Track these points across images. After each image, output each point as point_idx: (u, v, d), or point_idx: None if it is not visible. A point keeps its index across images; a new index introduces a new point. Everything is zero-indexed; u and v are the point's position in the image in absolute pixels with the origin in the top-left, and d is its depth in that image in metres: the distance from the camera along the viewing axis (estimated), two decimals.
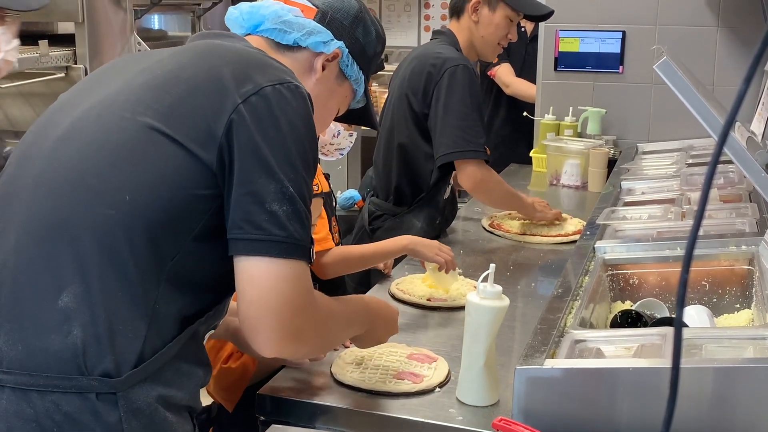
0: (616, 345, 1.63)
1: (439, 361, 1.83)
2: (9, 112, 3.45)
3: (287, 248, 1.30)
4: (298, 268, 1.32)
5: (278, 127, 1.32)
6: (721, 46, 3.67)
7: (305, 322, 1.34)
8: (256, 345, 1.33)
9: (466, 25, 2.93)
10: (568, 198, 3.52)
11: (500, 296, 1.64)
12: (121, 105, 1.35)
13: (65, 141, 1.35)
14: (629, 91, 3.86)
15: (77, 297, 1.25)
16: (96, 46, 3.50)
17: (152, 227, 1.28)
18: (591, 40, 3.90)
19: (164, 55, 1.45)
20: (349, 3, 1.62)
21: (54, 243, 1.28)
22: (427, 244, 2.29)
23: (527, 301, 2.28)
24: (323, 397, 1.70)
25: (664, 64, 1.75)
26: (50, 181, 1.32)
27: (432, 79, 2.79)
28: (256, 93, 1.32)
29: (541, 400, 1.47)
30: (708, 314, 1.83)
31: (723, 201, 2.52)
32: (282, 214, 1.29)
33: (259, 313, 1.30)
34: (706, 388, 1.41)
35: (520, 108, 4.25)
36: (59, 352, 1.24)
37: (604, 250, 2.11)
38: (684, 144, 3.45)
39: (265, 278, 1.30)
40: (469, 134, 2.75)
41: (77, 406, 1.24)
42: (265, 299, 1.30)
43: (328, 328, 1.48)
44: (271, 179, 1.29)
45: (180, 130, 1.30)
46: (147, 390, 1.27)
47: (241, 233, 1.29)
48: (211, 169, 1.30)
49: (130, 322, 1.26)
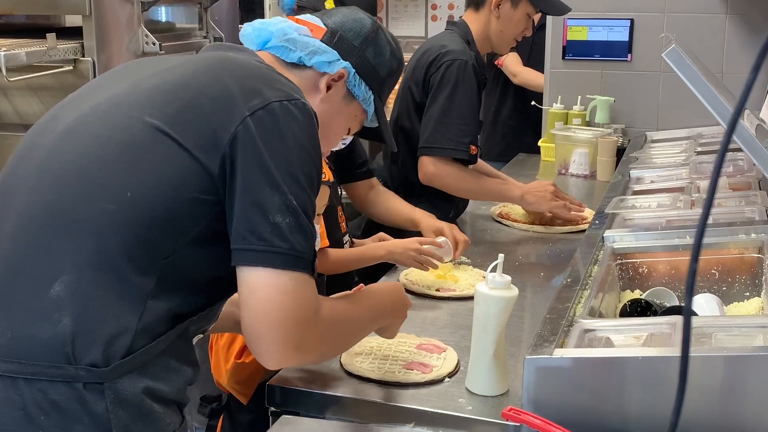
0: (626, 334, 1.62)
1: (448, 351, 1.83)
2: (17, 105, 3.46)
3: (289, 260, 1.31)
4: (299, 280, 1.32)
5: (284, 141, 1.33)
6: (730, 34, 3.65)
7: (307, 333, 1.35)
8: (258, 356, 1.35)
9: (485, 17, 2.92)
10: (576, 187, 3.52)
11: (509, 286, 1.64)
12: (129, 104, 1.36)
13: (70, 134, 1.37)
14: (638, 80, 3.84)
15: (69, 287, 1.26)
16: (103, 39, 3.50)
17: (150, 225, 1.29)
18: (599, 28, 3.89)
19: (176, 62, 1.46)
20: (362, 23, 1.62)
21: (51, 232, 1.29)
22: (401, 251, 2.28)
23: (536, 290, 2.28)
24: (333, 387, 1.70)
25: (672, 52, 1.74)
26: (53, 171, 1.34)
27: (430, 70, 2.80)
28: (263, 107, 1.34)
29: (550, 389, 1.47)
30: (718, 303, 1.83)
31: (732, 189, 2.51)
32: (285, 226, 1.30)
33: (260, 324, 1.32)
34: (716, 377, 1.40)
35: (527, 97, 4.24)
36: (48, 341, 1.25)
37: (613, 239, 2.10)
38: (693, 132, 3.44)
39: (266, 289, 1.31)
40: (446, 129, 2.73)
41: (64, 394, 1.25)
42: (266, 310, 1.31)
43: (338, 335, 1.49)
44: (275, 191, 1.30)
45: (185, 134, 1.32)
46: (134, 381, 1.28)
47: (244, 243, 1.31)
48: (212, 176, 1.31)
49: (121, 315, 1.27)
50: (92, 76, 3.41)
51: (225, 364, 1.87)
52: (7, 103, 3.45)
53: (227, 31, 4.72)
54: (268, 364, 1.36)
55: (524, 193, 2.83)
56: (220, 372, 1.89)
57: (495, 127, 4.58)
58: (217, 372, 1.90)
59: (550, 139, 3.85)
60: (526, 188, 2.86)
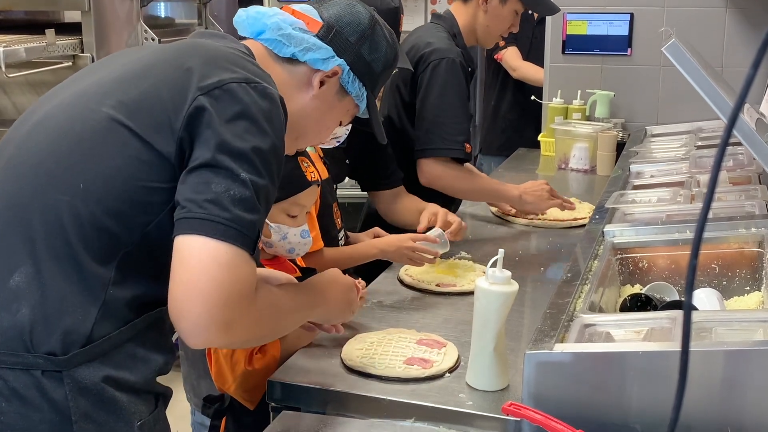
0: (626, 329, 1.62)
1: (448, 347, 1.83)
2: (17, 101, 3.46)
3: (226, 231, 1.25)
4: (236, 255, 1.26)
5: (238, 118, 1.31)
6: (729, 27, 3.65)
7: (237, 314, 1.27)
8: (180, 331, 1.27)
9: (472, 11, 2.90)
10: (576, 182, 3.51)
11: (509, 281, 1.64)
12: (90, 96, 1.37)
13: (37, 128, 1.39)
14: (638, 74, 3.84)
15: (27, 277, 1.28)
16: (102, 35, 3.50)
17: (104, 216, 1.29)
18: (599, 22, 3.88)
19: (147, 51, 1.47)
20: (359, 18, 1.59)
21: (8, 224, 1.31)
22: (394, 249, 2.27)
23: (536, 285, 2.28)
24: (333, 383, 1.70)
25: (672, 47, 1.74)
26: (16, 164, 1.36)
27: (418, 70, 2.77)
28: (219, 87, 1.32)
29: (550, 384, 1.48)
30: (718, 297, 1.83)
31: (732, 183, 2.51)
32: (227, 197, 1.26)
33: (186, 297, 1.24)
34: (716, 372, 1.40)
35: (527, 92, 4.24)
36: (7, 330, 1.28)
37: (613, 234, 2.10)
38: (693, 126, 3.44)
39: (197, 258, 1.24)
40: (440, 130, 2.71)
41: (23, 382, 1.27)
42: (197, 281, 1.23)
43: (269, 320, 1.42)
44: (224, 162, 1.27)
45: (142, 123, 1.32)
46: (94, 370, 1.29)
47: (182, 212, 1.27)
48: (171, 161, 1.30)
49: (80, 305, 1.28)
50: None
51: (231, 374, 1.82)
52: (7, 99, 3.46)
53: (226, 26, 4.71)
54: (190, 341, 1.27)
55: (521, 193, 2.82)
56: (224, 380, 1.84)
57: (495, 122, 4.57)
58: (221, 380, 1.85)
59: (549, 134, 3.85)
60: (522, 188, 2.84)
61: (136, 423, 1.34)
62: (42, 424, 1.27)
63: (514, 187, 2.85)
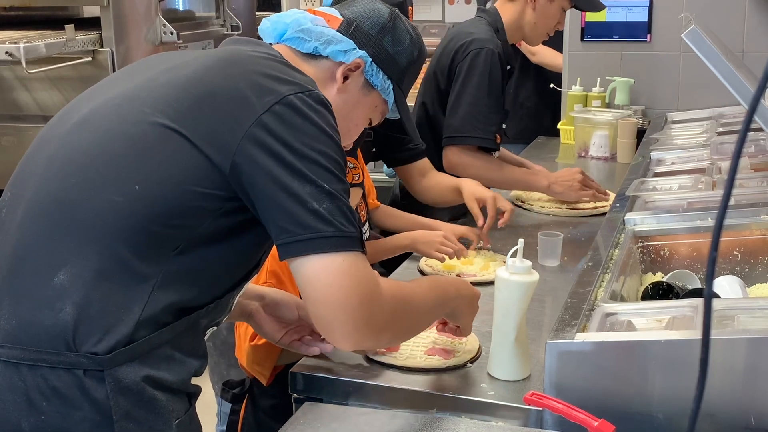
0: (648, 317, 1.62)
1: (469, 337, 1.83)
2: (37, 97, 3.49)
3: (338, 242, 1.32)
4: (353, 260, 1.33)
5: (305, 131, 1.33)
6: (750, 12, 3.62)
7: (374, 309, 1.36)
8: (334, 342, 1.38)
9: (519, 7, 2.90)
10: (597, 170, 3.50)
11: (530, 271, 1.63)
12: (141, 100, 1.37)
13: (82, 126, 1.39)
14: (657, 60, 3.81)
15: (73, 276, 1.29)
16: (122, 29, 3.52)
17: (156, 219, 1.30)
18: (618, 9, 3.86)
19: (190, 57, 1.47)
20: (379, 12, 1.61)
21: (57, 222, 1.31)
22: (428, 240, 2.27)
23: (557, 275, 2.27)
24: (355, 374, 1.71)
25: (692, 32, 1.73)
26: (62, 162, 1.36)
27: (456, 58, 2.79)
28: (279, 102, 1.34)
29: (572, 374, 1.47)
30: (740, 284, 1.82)
31: (754, 170, 2.49)
32: (324, 211, 1.31)
33: (327, 312, 1.33)
34: (739, 359, 1.40)
35: (547, 78, 4.21)
36: (50, 328, 1.28)
37: (634, 222, 2.10)
38: (714, 112, 3.41)
39: (323, 275, 1.32)
40: (474, 119, 2.72)
41: (65, 381, 1.28)
42: (328, 296, 1.32)
43: (405, 312, 1.47)
44: (304, 181, 1.31)
45: (195, 131, 1.32)
46: (134, 369, 1.30)
47: (290, 237, 1.31)
48: (223, 172, 1.32)
49: (124, 306, 1.29)
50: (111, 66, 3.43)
51: (244, 345, 1.91)
52: (28, 95, 3.48)
53: (244, 19, 4.73)
54: (345, 346, 1.40)
55: (551, 183, 2.81)
56: (241, 353, 1.94)
57: (513, 108, 4.55)
58: (240, 353, 1.95)
59: (569, 122, 3.83)
60: (552, 177, 2.83)
61: (174, 421, 1.36)
62: (83, 423, 1.28)
63: (544, 177, 2.85)
